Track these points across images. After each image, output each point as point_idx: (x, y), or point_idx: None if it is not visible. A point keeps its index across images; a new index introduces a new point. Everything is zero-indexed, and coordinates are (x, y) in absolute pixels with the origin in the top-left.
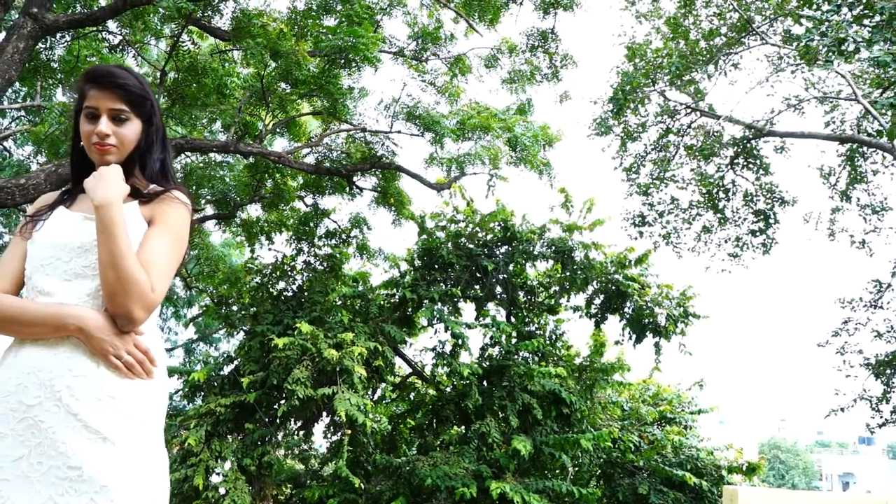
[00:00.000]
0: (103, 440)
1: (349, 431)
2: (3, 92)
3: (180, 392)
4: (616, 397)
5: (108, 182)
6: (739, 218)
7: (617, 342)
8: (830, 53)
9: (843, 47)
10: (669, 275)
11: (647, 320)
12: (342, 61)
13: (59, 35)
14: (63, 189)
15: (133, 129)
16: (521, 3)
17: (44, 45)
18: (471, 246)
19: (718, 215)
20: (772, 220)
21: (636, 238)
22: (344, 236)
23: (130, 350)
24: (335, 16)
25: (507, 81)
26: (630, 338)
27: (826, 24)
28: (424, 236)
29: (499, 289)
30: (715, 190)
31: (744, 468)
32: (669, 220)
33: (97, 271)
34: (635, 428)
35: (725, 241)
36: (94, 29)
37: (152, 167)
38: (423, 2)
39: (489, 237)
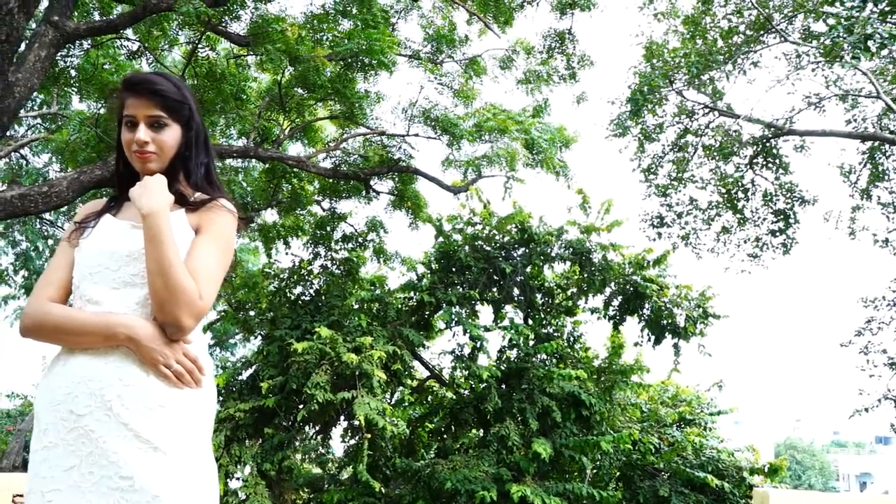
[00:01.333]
0: (154, 449)
1: (369, 436)
2: (26, 100)
3: None
4: (635, 399)
5: (153, 191)
6: (759, 218)
7: (636, 344)
8: (857, 50)
9: (870, 43)
10: (688, 275)
11: (665, 321)
12: (358, 65)
13: (76, 43)
14: (109, 197)
15: (172, 134)
16: (537, 5)
17: (61, 53)
18: (488, 248)
19: (738, 215)
20: (792, 220)
21: (654, 239)
22: (360, 240)
23: (180, 359)
24: (351, 20)
25: (523, 82)
26: (649, 339)
27: (852, 20)
28: (441, 239)
29: (516, 291)
30: (734, 190)
31: (766, 469)
32: (688, 221)
33: (145, 280)
34: (654, 430)
35: (745, 242)
36: (113, 36)
37: (196, 172)
38: (435, 4)
39: (506, 239)
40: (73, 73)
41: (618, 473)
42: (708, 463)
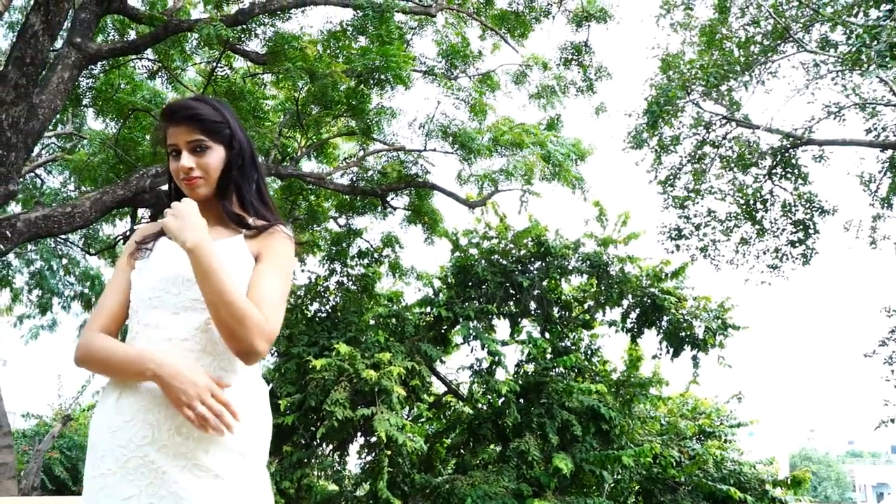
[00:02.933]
0: (215, 477)
1: (389, 452)
2: (50, 121)
3: None
4: (654, 412)
5: (189, 222)
6: (778, 229)
7: (654, 356)
8: (883, 58)
9: None
10: (707, 287)
11: (684, 333)
12: (373, 81)
13: (96, 64)
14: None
15: (216, 157)
16: (553, 18)
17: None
18: (504, 262)
19: (757, 226)
20: (811, 230)
21: (672, 251)
22: (376, 255)
23: (207, 401)
24: (368, 37)
25: (535, 97)
26: (667, 351)
27: (878, 28)
28: (458, 253)
29: (533, 305)
30: (753, 201)
31: (788, 482)
32: (707, 233)
33: (203, 304)
34: (674, 443)
35: (764, 253)
36: (135, 57)
37: (248, 192)
38: (448, 20)
39: (522, 253)
40: (89, 93)
41: (637, 487)
42: (730, 476)
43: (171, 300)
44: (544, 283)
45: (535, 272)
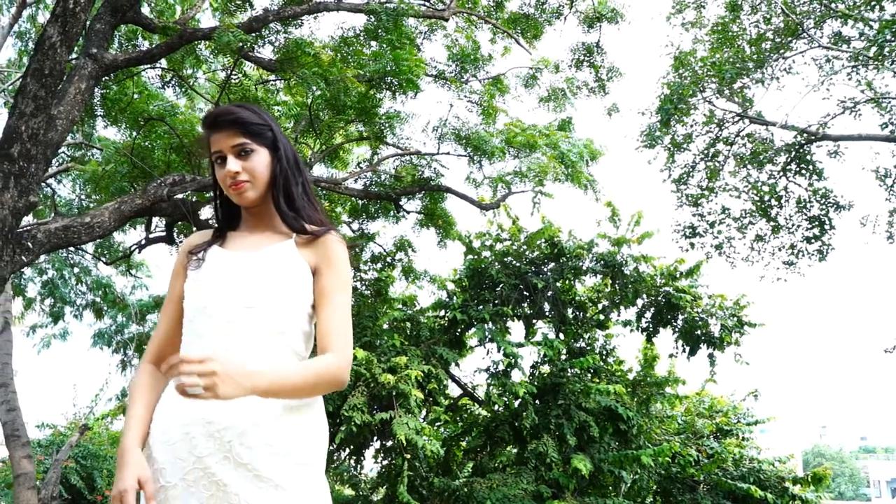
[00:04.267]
0: (276, 488)
1: (408, 456)
2: (68, 132)
3: None
4: (670, 411)
5: (235, 378)
6: (793, 225)
7: (671, 355)
8: None
9: None
10: (723, 285)
11: (700, 331)
12: (385, 86)
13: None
14: (214, 229)
15: (261, 159)
16: (564, 19)
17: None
18: (518, 264)
19: (772, 223)
20: (827, 226)
21: (687, 250)
22: (389, 260)
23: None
24: (381, 42)
25: (545, 100)
26: (683, 350)
27: None
28: (471, 256)
29: (547, 306)
30: (767, 198)
31: (809, 479)
32: (721, 231)
33: (259, 311)
34: (692, 441)
35: (780, 249)
36: (150, 66)
37: (295, 194)
38: (458, 24)
39: (536, 254)
40: (103, 103)
41: (655, 487)
42: (749, 474)
43: (225, 308)
44: (558, 284)
45: (549, 273)
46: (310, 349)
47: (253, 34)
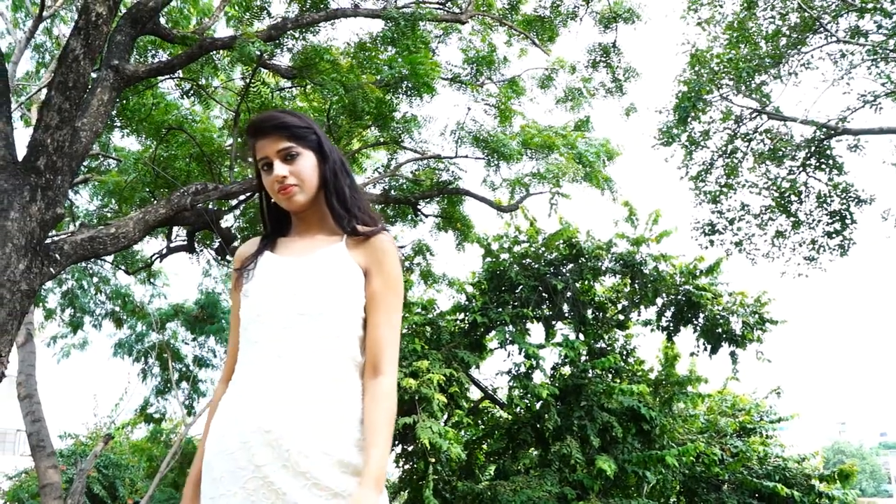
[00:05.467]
0: (333, 496)
1: (433, 460)
2: (92, 143)
3: None
4: (693, 410)
5: None
6: (814, 220)
7: (692, 354)
8: None
9: None
10: (743, 282)
11: (721, 329)
12: (403, 90)
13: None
14: (261, 236)
15: (308, 162)
16: (580, 20)
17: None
18: (536, 265)
19: (792, 219)
20: (848, 221)
21: (706, 247)
22: (407, 264)
23: None
24: (397, 46)
25: (561, 101)
26: (705, 348)
27: None
28: (489, 259)
29: (566, 307)
30: (787, 193)
31: (835, 476)
32: (741, 227)
33: (313, 317)
34: (715, 440)
35: (800, 245)
36: (170, 76)
37: (344, 193)
38: (473, 27)
39: (554, 256)
40: (123, 113)
41: (677, 487)
42: (774, 472)
43: (279, 315)
44: (577, 284)
45: (568, 274)
46: (364, 352)
47: (272, 42)
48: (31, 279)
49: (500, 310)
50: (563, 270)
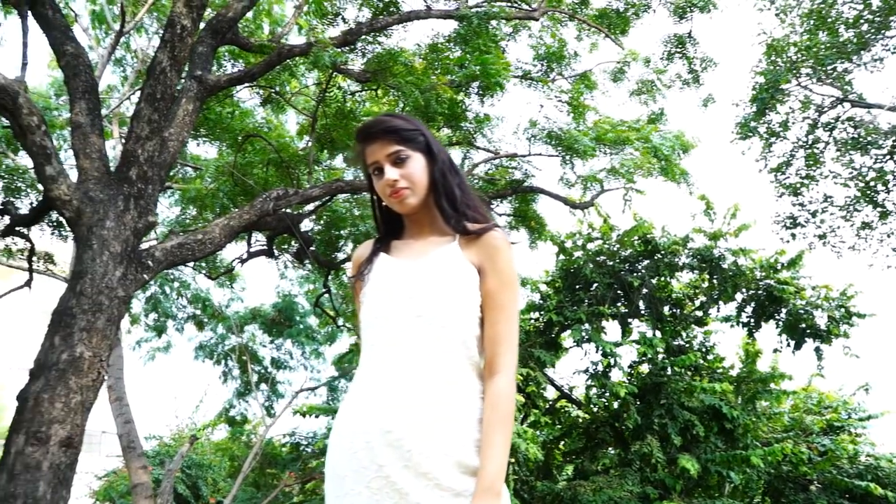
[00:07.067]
0: (455, 496)
1: (511, 460)
2: (179, 152)
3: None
4: (777, 408)
5: None
6: None
7: (775, 350)
8: None
9: None
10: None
11: (805, 324)
12: (475, 90)
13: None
14: (374, 240)
15: (417, 164)
16: (654, 11)
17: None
18: (611, 263)
19: (879, 209)
20: None
21: (788, 241)
22: None
23: None
24: (470, 46)
25: (635, 93)
26: (788, 344)
27: None
28: (563, 257)
29: (643, 304)
30: (873, 183)
31: None
32: (824, 219)
33: (430, 318)
34: (801, 439)
35: (888, 236)
36: (249, 84)
37: (454, 193)
38: (542, 23)
39: (629, 252)
40: (201, 122)
41: (763, 487)
42: (866, 471)
43: (396, 317)
44: (653, 281)
45: (644, 271)
46: (482, 352)
47: (346, 47)
48: (127, 286)
49: (576, 308)
50: (639, 267)
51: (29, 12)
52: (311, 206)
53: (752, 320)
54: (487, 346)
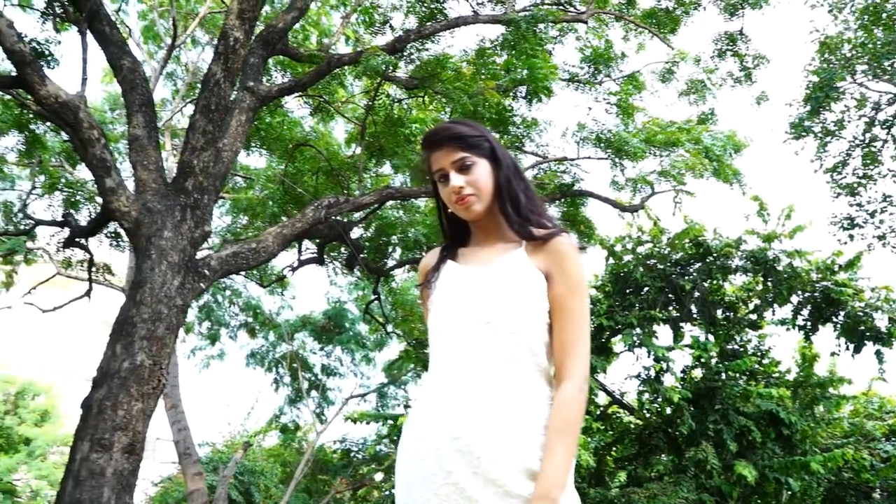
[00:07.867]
0: (525, 503)
1: None
2: (232, 163)
3: (381, 436)
4: (836, 413)
5: None
6: None
7: (833, 353)
8: None
9: None
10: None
11: (864, 327)
12: (522, 94)
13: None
14: (441, 248)
15: (483, 170)
16: (704, 9)
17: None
18: (662, 266)
19: None
20: None
21: (846, 242)
22: None
23: None
24: (518, 49)
25: (685, 93)
26: (847, 347)
27: None
28: (612, 261)
29: (695, 308)
30: None
31: None
32: (883, 220)
33: (497, 325)
34: (863, 445)
35: None
36: (300, 94)
37: (518, 199)
38: (589, 25)
39: (680, 255)
40: (253, 133)
41: (822, 494)
42: None
43: (463, 325)
44: (706, 284)
45: (696, 274)
46: (551, 358)
47: (395, 54)
48: (185, 294)
49: (626, 312)
50: (691, 270)
51: (87, 29)
52: (360, 214)
53: (809, 323)
54: (556, 353)
